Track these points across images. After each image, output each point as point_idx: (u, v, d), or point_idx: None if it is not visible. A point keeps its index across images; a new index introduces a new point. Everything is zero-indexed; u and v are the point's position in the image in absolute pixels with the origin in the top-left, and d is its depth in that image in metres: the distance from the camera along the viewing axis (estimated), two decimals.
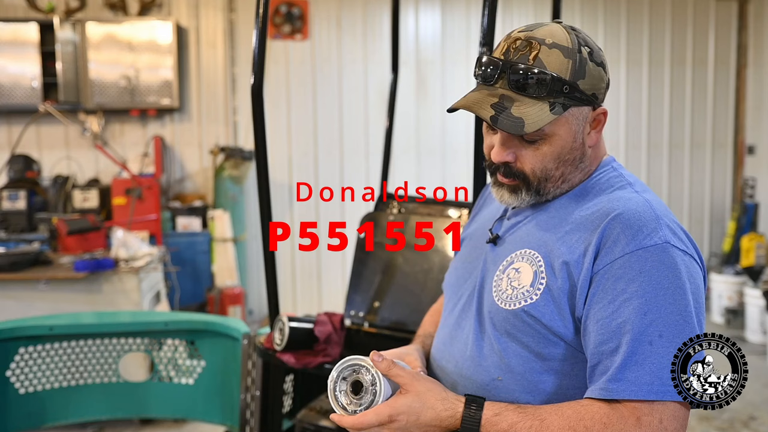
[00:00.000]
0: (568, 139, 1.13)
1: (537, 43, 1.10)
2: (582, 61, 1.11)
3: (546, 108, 1.08)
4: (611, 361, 1.01)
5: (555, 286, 1.08)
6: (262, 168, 2.13)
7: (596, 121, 1.16)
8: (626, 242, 1.04)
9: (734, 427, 3.91)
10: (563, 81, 1.09)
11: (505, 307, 1.13)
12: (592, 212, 1.11)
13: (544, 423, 1.01)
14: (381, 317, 2.13)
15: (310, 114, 6.09)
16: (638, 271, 1.02)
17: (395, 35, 2.78)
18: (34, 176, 5.43)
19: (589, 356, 1.05)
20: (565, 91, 1.09)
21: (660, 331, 0.99)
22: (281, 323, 2.08)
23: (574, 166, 1.16)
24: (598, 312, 1.03)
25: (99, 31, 5.55)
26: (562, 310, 1.07)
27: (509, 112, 1.08)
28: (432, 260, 2.17)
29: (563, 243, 1.10)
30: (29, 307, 3.70)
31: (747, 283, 5.59)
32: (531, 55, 1.09)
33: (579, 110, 1.13)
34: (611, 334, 1.02)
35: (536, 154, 1.13)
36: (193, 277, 5.40)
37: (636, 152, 6.52)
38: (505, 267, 1.16)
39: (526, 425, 1.02)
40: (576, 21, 6.25)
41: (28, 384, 2.66)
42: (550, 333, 1.08)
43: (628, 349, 0.99)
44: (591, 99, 1.13)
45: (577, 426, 0.99)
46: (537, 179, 1.15)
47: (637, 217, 1.06)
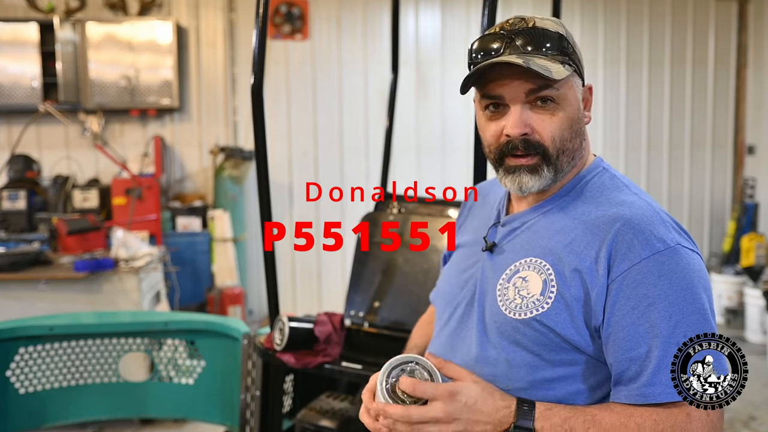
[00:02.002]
0: (576, 105, 1.14)
1: (529, 18, 1.13)
2: (569, 34, 1.14)
3: (559, 65, 1.09)
4: (643, 366, 1.01)
5: (568, 294, 1.07)
6: (262, 168, 2.13)
7: (585, 99, 1.18)
8: (641, 248, 1.04)
9: (734, 427, 3.91)
10: (566, 39, 1.12)
11: (515, 316, 1.11)
12: (596, 217, 1.11)
13: (596, 418, 1.01)
14: (381, 317, 2.13)
15: (310, 114, 6.09)
16: (657, 275, 1.02)
17: (395, 35, 2.78)
18: (34, 176, 5.43)
19: (614, 363, 1.04)
20: (569, 51, 1.12)
21: (685, 332, 1.00)
22: (281, 323, 2.08)
23: (579, 143, 1.16)
24: (622, 319, 1.03)
25: (99, 31, 5.55)
26: (575, 318, 1.07)
27: (535, 62, 1.07)
28: (432, 260, 2.17)
29: (571, 250, 1.09)
30: (29, 307, 3.70)
31: (747, 283, 5.59)
32: (529, 24, 1.12)
33: (576, 79, 1.15)
34: (639, 340, 1.01)
35: (553, 120, 1.11)
36: (193, 277, 5.40)
37: (636, 152, 6.52)
38: (510, 276, 1.14)
39: (579, 420, 1.02)
40: (576, 21, 6.26)
41: (28, 384, 2.66)
42: (562, 340, 1.08)
43: (660, 353, 1.00)
44: (582, 71, 1.16)
45: (628, 422, 0.99)
46: (556, 150, 1.12)
47: (646, 221, 1.07)
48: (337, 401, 2.20)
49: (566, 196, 1.17)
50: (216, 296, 5.26)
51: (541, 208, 1.18)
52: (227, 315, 5.07)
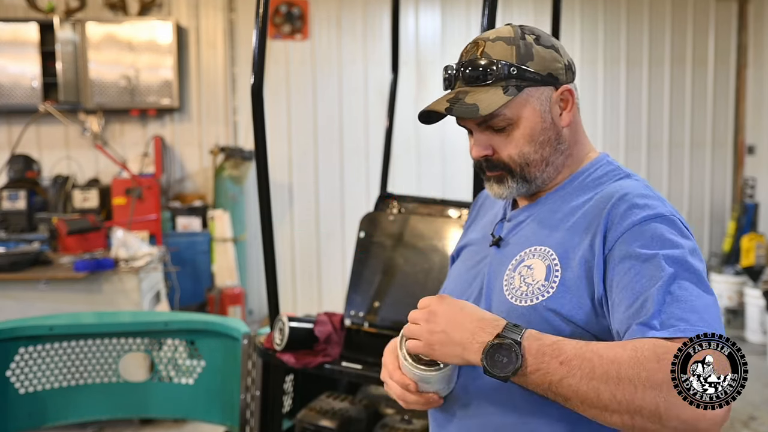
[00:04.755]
0: (536, 120, 1.17)
1: (482, 41, 1.18)
2: (527, 46, 1.16)
3: (499, 92, 1.14)
4: (642, 314, 0.98)
5: (571, 275, 1.08)
6: (262, 168, 2.13)
7: (563, 100, 1.19)
8: (634, 216, 1.06)
9: (734, 427, 3.91)
10: (509, 64, 1.14)
11: (521, 303, 1.12)
12: (595, 200, 1.13)
13: (589, 344, 0.98)
14: (381, 317, 2.13)
15: (310, 114, 6.09)
16: (650, 236, 1.03)
17: (395, 35, 2.78)
18: (34, 176, 5.43)
19: (618, 324, 1.02)
20: (513, 73, 1.14)
21: (679, 284, 0.98)
22: (281, 323, 2.08)
23: (553, 148, 1.19)
24: (621, 280, 1.03)
25: (99, 31, 5.55)
26: (580, 298, 1.07)
27: (463, 102, 1.15)
28: (432, 260, 2.17)
29: (573, 234, 1.12)
30: (29, 307, 3.70)
31: (747, 283, 5.59)
32: (478, 51, 1.17)
33: (538, 91, 1.16)
34: (636, 296, 1.00)
35: (509, 141, 1.17)
36: (193, 277, 5.40)
37: (636, 152, 6.52)
38: (516, 265, 1.16)
39: (572, 342, 0.99)
40: (576, 21, 6.26)
41: (28, 384, 2.66)
42: (569, 324, 1.07)
43: (656, 298, 0.97)
44: (548, 79, 1.17)
45: (624, 345, 0.95)
46: (517, 165, 1.18)
47: (642, 195, 1.09)
48: (337, 401, 2.20)
49: (568, 187, 1.20)
50: (216, 296, 5.27)
51: (543, 202, 1.21)
52: (227, 315, 5.07)
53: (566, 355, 0.97)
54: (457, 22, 6.16)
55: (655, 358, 0.91)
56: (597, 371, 0.94)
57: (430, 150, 6.17)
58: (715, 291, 1.08)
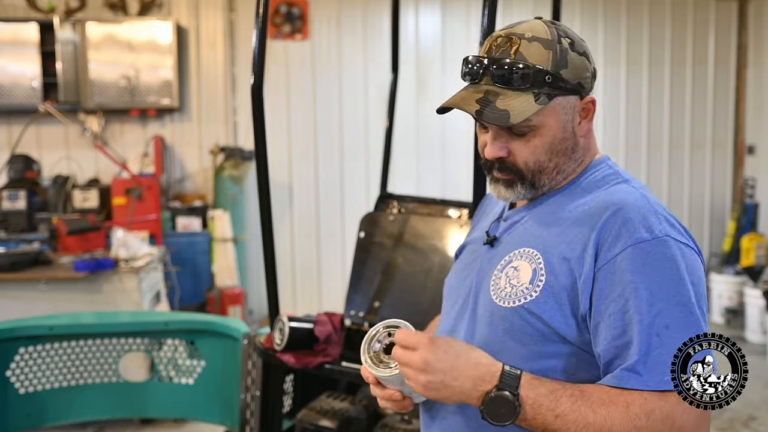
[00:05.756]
0: (558, 129, 1.15)
1: (517, 38, 1.13)
2: (563, 51, 1.13)
3: (531, 99, 1.11)
4: (628, 354, 1.01)
5: (555, 282, 1.08)
6: (262, 168, 2.13)
7: (585, 110, 1.18)
8: (628, 236, 1.05)
9: (734, 427, 3.91)
10: (545, 71, 1.11)
11: (504, 305, 1.13)
12: (589, 207, 1.12)
13: (585, 393, 1.02)
14: (381, 317, 2.13)
15: (310, 114, 6.09)
16: (642, 263, 1.03)
17: (395, 35, 2.78)
18: (34, 176, 5.43)
19: (602, 351, 1.05)
20: (548, 81, 1.11)
21: (666, 323, 1.00)
22: (281, 323, 2.08)
23: (567, 157, 1.17)
24: (609, 307, 1.04)
25: (99, 31, 5.54)
26: (562, 306, 1.07)
27: (494, 106, 1.10)
28: (432, 260, 2.18)
29: (562, 240, 1.11)
30: (29, 307, 3.70)
31: (747, 283, 5.59)
32: (512, 50, 1.12)
33: (566, 99, 1.14)
34: (625, 328, 1.02)
35: (528, 147, 1.15)
36: (193, 277, 5.40)
37: (636, 152, 6.52)
38: (504, 266, 1.17)
39: (567, 393, 1.02)
40: (576, 21, 6.26)
41: (28, 384, 2.66)
42: (549, 330, 1.08)
43: (639, 340, 1.00)
44: (576, 88, 1.15)
45: (617, 399, 1.00)
46: (531, 172, 1.16)
47: (636, 211, 1.07)
48: (337, 401, 2.20)
49: (566, 191, 1.19)
50: (216, 296, 5.26)
51: (540, 203, 1.20)
52: (227, 315, 5.07)
53: (562, 409, 1.01)
54: (457, 22, 6.16)
55: (645, 416, 0.98)
56: (591, 428, 1.00)
57: (430, 150, 6.17)
58: (715, 291, 1.08)
